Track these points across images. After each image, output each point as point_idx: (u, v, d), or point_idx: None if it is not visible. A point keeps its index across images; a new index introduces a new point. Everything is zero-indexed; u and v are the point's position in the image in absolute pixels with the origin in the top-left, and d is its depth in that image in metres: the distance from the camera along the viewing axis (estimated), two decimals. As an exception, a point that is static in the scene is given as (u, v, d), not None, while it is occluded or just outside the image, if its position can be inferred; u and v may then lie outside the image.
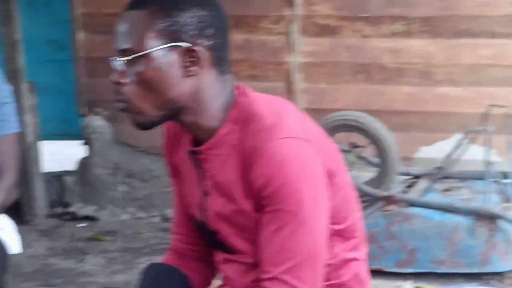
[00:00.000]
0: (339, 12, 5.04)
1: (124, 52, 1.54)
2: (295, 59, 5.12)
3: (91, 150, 5.51)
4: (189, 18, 1.55)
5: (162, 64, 1.57)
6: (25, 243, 3.33)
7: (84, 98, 5.47)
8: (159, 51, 1.54)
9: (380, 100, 5.02)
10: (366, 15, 5.03)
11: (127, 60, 1.54)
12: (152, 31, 1.53)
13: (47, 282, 4.42)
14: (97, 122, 5.47)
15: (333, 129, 3.97)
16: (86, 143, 5.51)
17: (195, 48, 1.52)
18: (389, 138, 4.30)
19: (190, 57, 1.54)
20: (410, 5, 4.99)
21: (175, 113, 1.66)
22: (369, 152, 4.43)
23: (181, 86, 1.60)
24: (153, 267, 2.04)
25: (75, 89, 5.53)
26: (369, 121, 4.34)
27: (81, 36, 5.37)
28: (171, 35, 1.54)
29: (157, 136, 2.15)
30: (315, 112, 3.09)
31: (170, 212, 5.16)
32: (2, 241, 2.65)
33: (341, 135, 4.09)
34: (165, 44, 1.54)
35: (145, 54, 1.52)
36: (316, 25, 5.08)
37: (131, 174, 5.54)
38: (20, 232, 2.87)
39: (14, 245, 2.76)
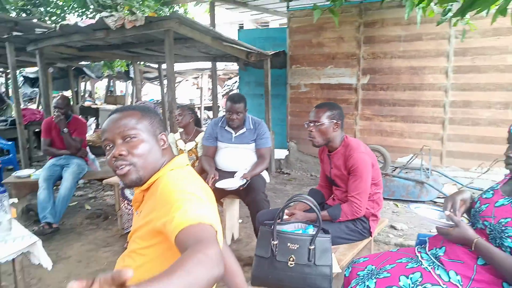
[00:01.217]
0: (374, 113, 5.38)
1: (313, 121, 2.15)
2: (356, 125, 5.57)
3: (289, 152, 6.11)
4: (336, 112, 2.18)
5: (327, 127, 2.14)
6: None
7: (288, 135, 6.06)
8: (327, 122, 2.13)
9: (385, 139, 5.27)
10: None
11: (315, 124, 2.15)
12: (325, 115, 2.14)
13: (274, 194, 4.96)
14: (291, 144, 6.07)
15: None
16: (288, 150, 6.10)
17: (338, 122, 2.17)
18: (387, 154, 4.93)
19: (335, 125, 2.15)
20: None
21: (327, 143, 2.21)
22: (380, 158, 4.88)
23: (332, 134, 2.17)
24: (312, 189, 2.53)
25: (286, 133, 6.10)
26: (379, 147, 5.03)
27: (289, 118, 6.01)
28: (332, 117, 2.16)
29: (314, 149, 2.65)
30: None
31: (315, 173, 5.90)
32: (264, 176, 3.20)
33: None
34: (330, 120, 2.14)
35: (322, 123, 2.13)
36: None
37: (302, 161, 6.04)
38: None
39: (267, 178, 3.32)
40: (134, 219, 1.28)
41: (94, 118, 10.34)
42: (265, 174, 3.24)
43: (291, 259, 1.68)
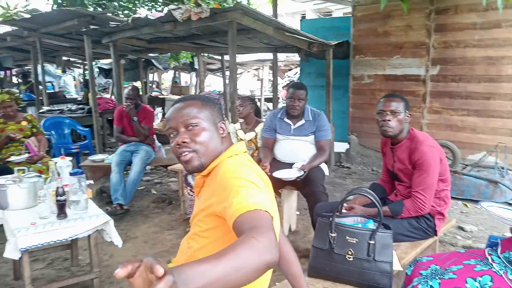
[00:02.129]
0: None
1: (392, 111, 2.07)
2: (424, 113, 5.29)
3: (350, 146, 6.03)
4: (407, 103, 2.15)
5: (403, 117, 2.09)
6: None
7: (350, 128, 6.01)
8: (403, 113, 2.09)
9: (455, 135, 5.01)
10: None
11: (394, 113, 2.07)
12: (401, 105, 2.10)
13: (333, 188, 4.91)
14: (353, 137, 5.98)
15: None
16: (348, 143, 5.99)
17: (411, 113, 2.17)
18: (457, 150, 4.65)
19: (408, 116, 2.12)
20: None
21: (399, 134, 2.13)
22: (449, 154, 4.53)
23: (404, 124, 2.13)
24: (374, 183, 2.50)
25: (347, 126, 6.04)
26: (448, 143, 4.74)
27: (351, 110, 5.96)
28: (406, 108, 2.13)
29: (376, 143, 2.71)
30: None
31: (377, 168, 5.69)
32: (323, 169, 3.15)
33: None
34: (405, 110, 2.10)
35: (400, 113, 2.08)
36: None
37: (363, 155, 5.95)
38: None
39: (326, 171, 3.21)
40: (195, 204, 1.34)
41: (160, 107, 10.84)
42: (324, 167, 3.19)
43: (350, 252, 1.66)
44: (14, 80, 13.95)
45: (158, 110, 10.45)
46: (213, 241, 1.16)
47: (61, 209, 2.37)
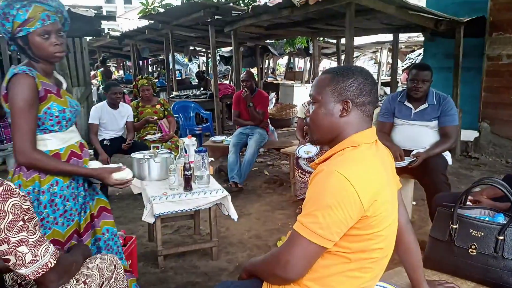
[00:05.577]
0: None
1: None
2: None
3: (480, 134, 5.38)
4: None
5: None
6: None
7: (481, 114, 5.39)
8: None
9: None
10: None
11: None
12: None
13: (456, 179, 4.45)
14: (484, 124, 5.27)
15: None
16: (478, 131, 5.38)
17: None
18: None
19: None
20: None
21: None
22: None
23: None
24: (509, 175, 2.12)
25: (477, 112, 5.42)
26: None
27: (484, 94, 5.31)
28: None
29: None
30: None
31: None
32: (445, 157, 2.85)
33: None
34: None
35: None
36: None
37: (496, 145, 5.29)
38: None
39: (449, 160, 2.94)
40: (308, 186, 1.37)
41: (274, 93, 11.14)
42: (447, 155, 2.95)
43: (473, 246, 1.53)
44: (150, 69, 15.80)
45: (272, 95, 10.74)
46: None
47: (188, 182, 2.65)
